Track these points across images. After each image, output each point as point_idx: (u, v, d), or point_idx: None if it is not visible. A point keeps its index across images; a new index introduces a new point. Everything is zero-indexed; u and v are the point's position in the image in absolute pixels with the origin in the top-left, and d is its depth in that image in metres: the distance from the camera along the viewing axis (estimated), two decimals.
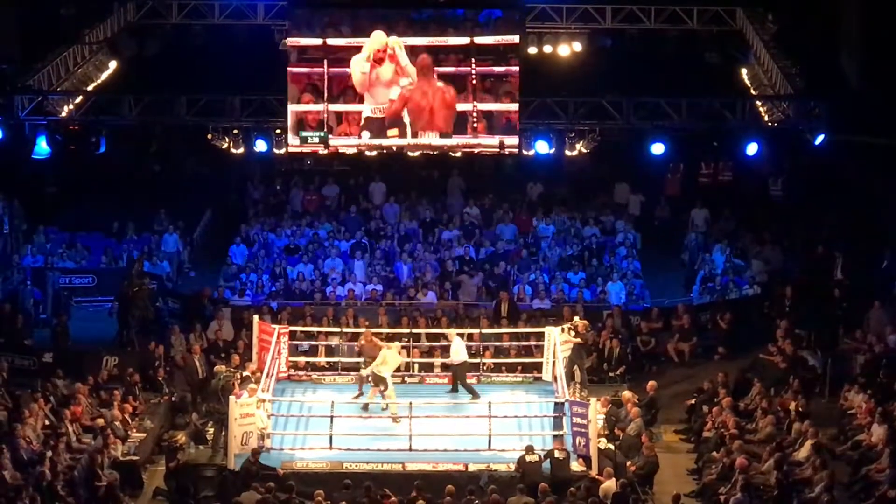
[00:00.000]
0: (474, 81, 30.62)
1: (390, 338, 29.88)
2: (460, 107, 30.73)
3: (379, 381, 28.02)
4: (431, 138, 30.96)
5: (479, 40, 30.63)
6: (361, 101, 30.82)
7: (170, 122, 31.12)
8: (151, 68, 34.64)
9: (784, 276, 33.21)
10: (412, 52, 30.58)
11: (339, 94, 30.87)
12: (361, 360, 29.45)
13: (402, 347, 29.22)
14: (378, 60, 30.66)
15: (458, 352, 29.07)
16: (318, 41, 30.78)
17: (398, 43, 30.57)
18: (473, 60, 30.56)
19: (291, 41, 30.90)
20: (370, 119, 30.95)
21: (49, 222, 36.24)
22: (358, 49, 30.67)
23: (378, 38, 30.61)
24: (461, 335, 29.60)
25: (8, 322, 31.51)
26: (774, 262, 34.56)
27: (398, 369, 28.57)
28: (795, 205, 35.72)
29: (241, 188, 38.19)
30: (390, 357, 28.13)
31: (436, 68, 30.63)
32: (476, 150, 31.09)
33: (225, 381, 27.28)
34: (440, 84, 30.67)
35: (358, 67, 30.71)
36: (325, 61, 30.70)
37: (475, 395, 28.51)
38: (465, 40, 30.62)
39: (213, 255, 36.10)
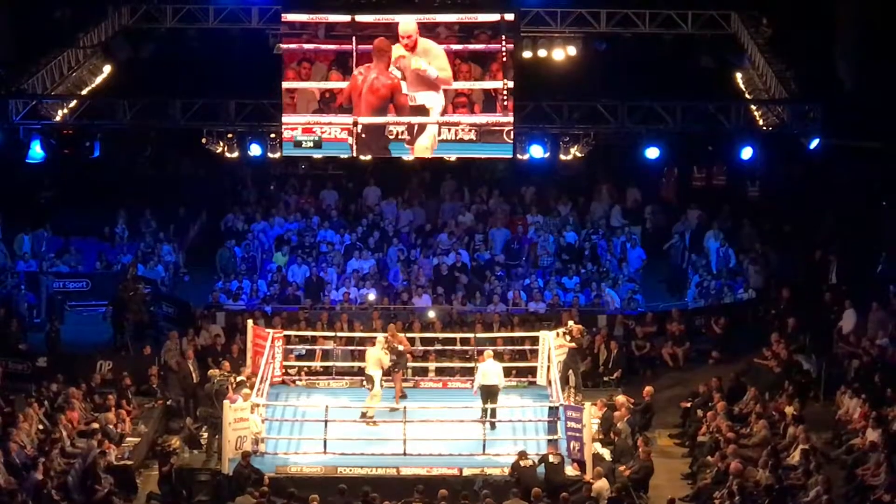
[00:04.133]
0: (468, 59, 30.41)
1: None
2: (455, 85, 30.34)
3: (368, 379, 28.20)
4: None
5: (473, 17, 30.28)
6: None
7: (164, 126, 31.07)
8: (146, 72, 34.55)
9: (780, 280, 33.20)
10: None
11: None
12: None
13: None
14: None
15: (497, 375, 27.80)
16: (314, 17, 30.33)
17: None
18: (467, 36, 30.13)
19: (287, 17, 30.46)
20: None
21: (43, 227, 36.13)
22: (354, 24, 30.29)
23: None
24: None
25: (2, 326, 31.51)
26: (771, 265, 34.54)
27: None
28: (791, 208, 35.72)
29: (235, 192, 38.11)
30: (372, 355, 28.22)
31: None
32: (469, 128, 30.57)
33: (219, 385, 27.26)
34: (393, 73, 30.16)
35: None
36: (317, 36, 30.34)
37: (493, 426, 27.46)
38: (459, 17, 30.22)
39: (207, 259, 36.02)
